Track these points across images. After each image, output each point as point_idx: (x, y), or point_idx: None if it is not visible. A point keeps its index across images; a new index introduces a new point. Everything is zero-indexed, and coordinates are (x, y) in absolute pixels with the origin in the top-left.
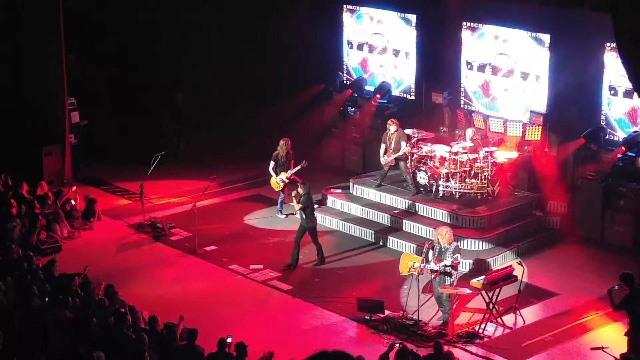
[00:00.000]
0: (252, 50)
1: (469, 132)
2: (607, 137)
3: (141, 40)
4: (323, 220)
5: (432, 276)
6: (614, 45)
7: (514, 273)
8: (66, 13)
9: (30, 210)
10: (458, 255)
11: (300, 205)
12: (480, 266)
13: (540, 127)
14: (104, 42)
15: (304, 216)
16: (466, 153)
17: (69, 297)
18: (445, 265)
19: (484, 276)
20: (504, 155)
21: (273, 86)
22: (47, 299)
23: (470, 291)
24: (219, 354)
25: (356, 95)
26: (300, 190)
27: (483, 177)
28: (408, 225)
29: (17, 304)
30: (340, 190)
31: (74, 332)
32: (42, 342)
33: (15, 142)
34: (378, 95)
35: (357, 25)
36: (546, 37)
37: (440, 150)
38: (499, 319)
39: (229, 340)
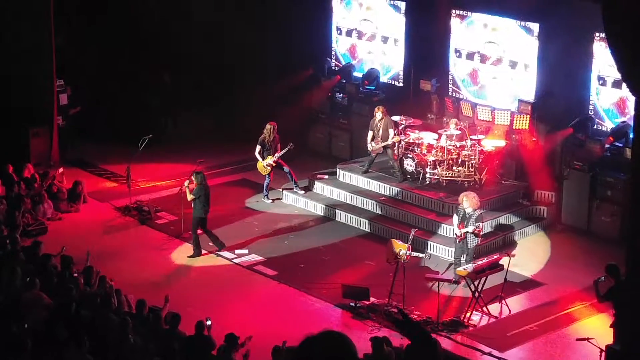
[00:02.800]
0: (240, 34)
1: (453, 122)
2: (595, 127)
3: (130, 20)
4: (309, 205)
5: (457, 240)
6: (603, 35)
7: (500, 262)
8: None
9: (17, 191)
10: (480, 223)
11: (192, 196)
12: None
13: (528, 115)
14: (94, 22)
15: (193, 205)
16: (454, 140)
17: (36, 279)
18: (468, 232)
19: (470, 264)
20: (492, 143)
21: (261, 71)
22: (28, 280)
23: (454, 279)
24: (197, 337)
25: (344, 81)
26: (194, 179)
27: (470, 165)
28: (394, 212)
29: (1, 285)
30: (327, 176)
31: (53, 314)
32: (22, 323)
33: (1, 122)
34: (366, 82)
35: (346, 12)
36: (535, 26)
37: (428, 137)
38: (484, 308)
39: (208, 323)
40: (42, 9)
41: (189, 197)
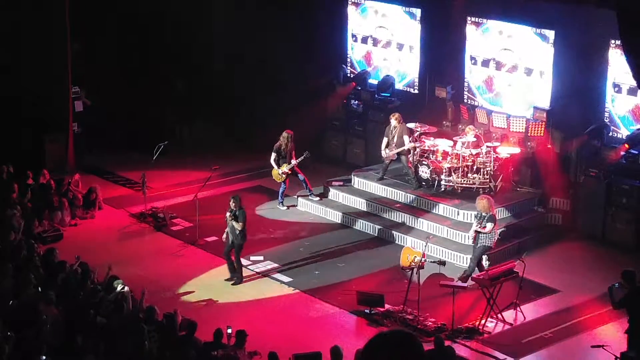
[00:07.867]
0: (255, 41)
1: (470, 129)
2: (611, 134)
3: (144, 28)
4: (324, 212)
5: (472, 242)
6: (618, 42)
7: (515, 269)
8: (72, 1)
9: (33, 198)
10: (488, 224)
11: (240, 224)
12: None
13: (544, 123)
14: (108, 31)
15: (237, 232)
16: (469, 148)
17: (52, 292)
18: (477, 232)
19: (485, 271)
20: (507, 150)
21: (277, 78)
22: (40, 288)
23: (468, 286)
24: (215, 344)
25: (360, 88)
26: (232, 204)
27: (485, 172)
28: (409, 219)
29: (17, 291)
30: (342, 183)
31: (70, 321)
32: (36, 330)
33: (18, 129)
34: (382, 89)
35: (361, 19)
36: (551, 33)
37: (443, 144)
38: (499, 315)
39: (229, 331)
40: (58, 15)
41: (237, 225)
